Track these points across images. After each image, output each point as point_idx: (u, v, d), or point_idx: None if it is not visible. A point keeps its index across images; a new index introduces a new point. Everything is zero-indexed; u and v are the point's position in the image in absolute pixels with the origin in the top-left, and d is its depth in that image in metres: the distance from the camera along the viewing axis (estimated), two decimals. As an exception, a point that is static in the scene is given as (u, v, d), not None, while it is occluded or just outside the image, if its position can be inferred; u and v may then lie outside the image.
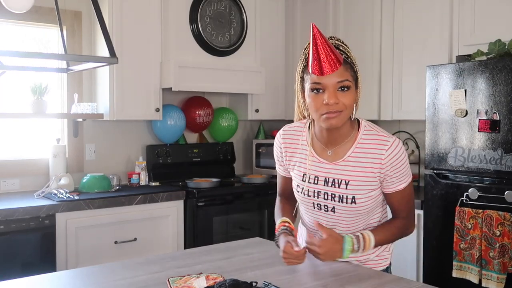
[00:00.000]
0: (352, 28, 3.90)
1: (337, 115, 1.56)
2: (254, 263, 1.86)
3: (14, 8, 2.30)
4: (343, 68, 1.56)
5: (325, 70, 1.52)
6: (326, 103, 1.55)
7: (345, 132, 1.65)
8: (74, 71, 2.63)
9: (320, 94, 1.57)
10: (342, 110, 1.57)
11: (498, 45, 2.82)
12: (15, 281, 1.67)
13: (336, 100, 1.55)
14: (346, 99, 1.56)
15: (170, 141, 4.05)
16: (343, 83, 1.55)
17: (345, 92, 1.56)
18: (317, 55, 1.52)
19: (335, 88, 1.55)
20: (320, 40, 1.52)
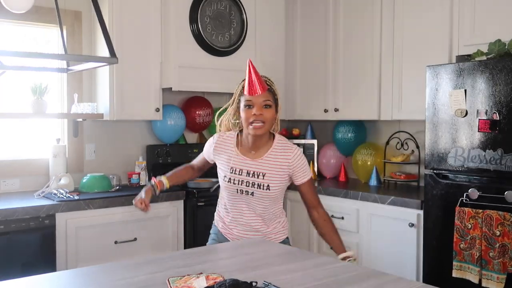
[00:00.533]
0: (352, 28, 3.90)
1: (261, 126, 2.21)
2: (254, 263, 1.86)
3: (14, 8, 2.31)
4: (267, 93, 2.22)
5: (255, 92, 2.18)
6: (254, 114, 2.19)
7: (265, 140, 2.30)
8: (74, 71, 2.64)
9: (251, 109, 2.21)
10: (265, 121, 2.21)
11: (498, 45, 2.82)
12: (15, 281, 1.66)
13: (261, 112, 2.20)
14: (268, 114, 2.22)
15: (170, 141, 4.05)
16: (266, 102, 2.22)
17: (267, 109, 2.22)
18: (251, 82, 2.19)
19: (261, 105, 2.21)
20: (253, 71, 2.18)
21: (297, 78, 4.35)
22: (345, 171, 4.15)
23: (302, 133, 4.51)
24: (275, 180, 2.26)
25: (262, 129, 2.22)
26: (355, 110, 3.90)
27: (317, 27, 4.16)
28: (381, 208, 3.33)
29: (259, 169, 2.26)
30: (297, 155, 2.29)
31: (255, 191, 2.26)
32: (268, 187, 2.25)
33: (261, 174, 2.26)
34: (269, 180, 2.25)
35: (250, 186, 2.26)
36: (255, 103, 2.20)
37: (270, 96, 2.24)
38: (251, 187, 2.26)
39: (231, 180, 2.28)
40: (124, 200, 3.28)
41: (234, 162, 2.29)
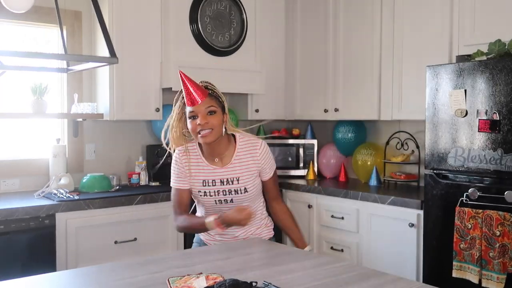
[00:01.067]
0: (352, 28, 3.90)
1: (208, 133, 2.12)
2: (254, 263, 1.86)
3: (14, 8, 2.31)
4: (209, 99, 2.14)
5: (195, 102, 2.10)
6: (199, 124, 2.11)
7: (224, 144, 2.22)
8: (74, 71, 2.64)
9: (195, 119, 2.13)
10: (212, 128, 2.13)
11: (498, 45, 2.82)
12: (15, 281, 1.67)
13: (206, 121, 2.11)
14: (214, 120, 2.13)
15: (170, 141, 4.04)
16: (209, 109, 2.13)
17: (212, 116, 2.14)
18: (188, 93, 2.11)
19: (204, 113, 2.12)
20: (188, 82, 2.11)
21: (297, 78, 4.35)
22: (345, 171, 4.15)
23: (302, 133, 4.51)
24: (249, 180, 2.23)
25: (210, 136, 2.13)
26: (355, 110, 3.90)
27: (317, 27, 4.16)
28: (381, 208, 3.33)
29: (231, 175, 2.21)
30: (263, 152, 2.26)
31: (233, 197, 2.22)
32: (245, 190, 2.22)
33: (235, 179, 2.21)
34: (245, 183, 2.22)
35: (227, 194, 2.21)
36: (198, 112, 2.11)
37: (213, 101, 2.16)
38: (229, 194, 2.21)
39: (207, 193, 2.21)
40: (124, 200, 3.28)
41: (204, 174, 2.22)
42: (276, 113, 4.38)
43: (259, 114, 4.26)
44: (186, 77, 2.12)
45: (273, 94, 4.34)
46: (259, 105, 4.24)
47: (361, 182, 4.03)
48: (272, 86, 4.31)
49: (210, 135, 2.13)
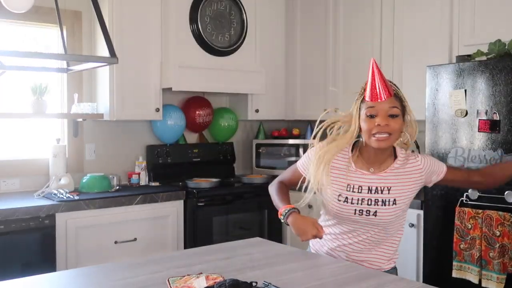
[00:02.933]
0: (352, 28, 3.90)
1: (385, 138, 1.85)
2: (254, 263, 1.86)
3: (14, 8, 2.31)
4: (393, 99, 1.86)
5: (379, 97, 1.83)
6: (378, 125, 1.83)
7: (387, 154, 1.94)
8: (74, 71, 2.64)
9: (373, 119, 1.85)
10: (391, 133, 1.85)
11: (498, 45, 2.82)
12: (15, 281, 1.67)
13: (386, 123, 1.83)
14: (395, 125, 1.85)
15: (170, 141, 4.05)
16: (392, 110, 1.84)
17: (394, 119, 1.85)
18: (374, 85, 1.84)
19: (386, 113, 1.84)
20: (377, 74, 1.84)
21: (297, 78, 4.35)
22: (345, 171, 4.14)
23: (302, 133, 4.51)
24: (403, 192, 1.92)
25: (386, 142, 1.85)
26: (355, 110, 3.89)
27: (317, 27, 4.16)
28: (381, 208, 3.32)
29: (383, 183, 1.91)
30: (425, 158, 1.97)
31: (379, 209, 1.90)
32: (394, 202, 1.90)
33: (385, 188, 1.91)
34: (396, 194, 1.91)
35: (372, 204, 1.90)
36: (379, 111, 1.84)
37: (397, 102, 1.87)
38: (374, 205, 1.90)
39: (348, 199, 1.92)
40: (124, 200, 3.28)
41: (351, 178, 1.94)
42: (276, 113, 4.38)
43: (259, 114, 4.26)
44: (376, 68, 1.86)
45: (273, 94, 4.33)
46: (259, 105, 4.24)
47: (361, 182, 4.02)
48: (272, 86, 4.31)
49: (386, 140, 1.85)
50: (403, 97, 1.92)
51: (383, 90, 1.84)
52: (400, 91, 1.92)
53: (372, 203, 1.91)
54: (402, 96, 1.91)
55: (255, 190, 3.87)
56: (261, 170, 4.35)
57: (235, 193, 3.80)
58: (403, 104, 1.90)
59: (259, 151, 4.43)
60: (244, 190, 3.86)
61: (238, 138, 4.54)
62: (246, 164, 4.58)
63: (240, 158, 4.52)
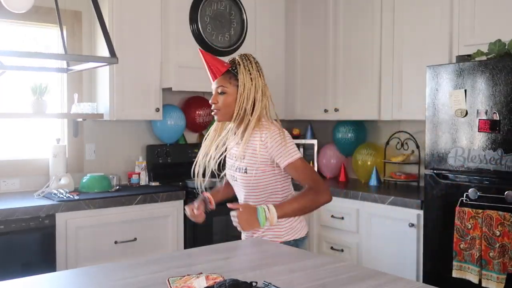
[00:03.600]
0: (352, 28, 3.90)
1: (216, 112, 2.17)
2: (254, 263, 1.86)
3: (14, 8, 2.30)
4: (221, 78, 2.14)
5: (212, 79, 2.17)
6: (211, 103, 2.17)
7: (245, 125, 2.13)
8: (74, 71, 2.63)
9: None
10: (219, 109, 2.15)
11: (498, 45, 2.82)
12: (15, 281, 1.66)
13: (214, 101, 2.15)
14: (222, 100, 2.14)
15: (170, 141, 4.05)
16: (218, 89, 2.15)
17: (222, 95, 2.14)
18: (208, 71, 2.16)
19: (216, 92, 2.16)
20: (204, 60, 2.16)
21: (297, 78, 4.35)
22: (345, 171, 4.15)
23: (302, 133, 4.51)
24: (251, 162, 2.11)
25: (218, 115, 2.16)
26: (355, 110, 3.90)
27: (317, 27, 4.16)
28: (381, 208, 3.33)
29: (241, 152, 2.14)
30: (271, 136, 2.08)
31: (237, 175, 2.18)
32: (245, 170, 2.13)
33: (241, 156, 2.14)
34: (247, 163, 2.13)
35: (235, 169, 2.20)
36: (213, 90, 2.18)
37: (226, 80, 2.12)
38: (234, 171, 2.19)
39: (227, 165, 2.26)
40: (124, 200, 3.28)
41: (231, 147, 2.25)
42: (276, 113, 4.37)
43: (259, 114, 4.25)
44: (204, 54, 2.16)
45: (273, 94, 4.30)
46: (259, 105, 4.23)
47: (361, 182, 4.03)
48: (272, 86, 4.29)
49: (217, 114, 2.17)
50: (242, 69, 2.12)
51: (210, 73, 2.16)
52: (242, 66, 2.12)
53: (235, 169, 2.19)
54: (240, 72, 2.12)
55: (255, 190, 3.86)
56: (261, 170, 4.34)
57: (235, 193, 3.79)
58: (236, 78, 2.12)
59: (259, 151, 4.42)
60: (244, 190, 3.86)
61: (238, 138, 4.53)
62: (246, 164, 4.57)
63: (240, 158, 4.51)
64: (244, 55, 2.19)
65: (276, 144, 2.08)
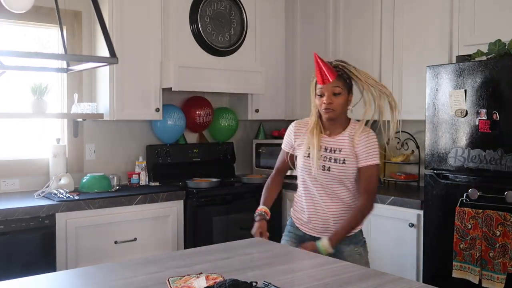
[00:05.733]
0: (352, 28, 3.90)
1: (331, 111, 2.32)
2: (254, 263, 1.86)
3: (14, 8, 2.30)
4: (337, 80, 2.31)
5: (324, 81, 2.30)
6: (324, 102, 2.32)
7: (339, 123, 2.39)
8: (74, 71, 2.63)
9: (322, 98, 2.33)
10: (335, 109, 2.32)
11: (498, 45, 2.82)
12: (15, 281, 1.67)
13: (330, 101, 2.31)
14: (337, 101, 2.32)
15: (170, 141, 4.05)
16: (334, 90, 2.31)
17: (337, 96, 2.32)
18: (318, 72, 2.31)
19: (330, 92, 2.31)
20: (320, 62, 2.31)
21: (297, 78, 4.35)
22: (345, 171, 4.15)
23: (302, 133, 4.50)
24: (349, 155, 2.31)
25: (332, 114, 2.32)
26: (355, 110, 3.88)
27: (317, 27, 4.16)
28: (381, 208, 3.33)
29: (336, 145, 2.34)
30: (366, 135, 2.34)
31: (332, 165, 2.32)
32: (344, 161, 2.31)
33: (337, 149, 2.33)
34: (345, 155, 2.31)
35: (327, 160, 2.32)
36: (325, 92, 2.30)
37: (340, 82, 2.32)
38: (328, 162, 2.32)
39: (311, 155, 2.34)
40: (124, 200, 3.28)
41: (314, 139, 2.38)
42: (276, 113, 4.38)
43: (259, 114, 4.26)
44: (318, 58, 2.30)
45: (273, 94, 4.34)
46: (259, 105, 4.24)
47: (361, 182, 4.02)
48: (272, 86, 4.31)
49: (332, 113, 2.32)
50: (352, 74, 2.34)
51: (327, 75, 2.28)
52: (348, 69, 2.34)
53: (327, 159, 2.33)
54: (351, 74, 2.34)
55: (255, 190, 3.85)
56: (261, 170, 4.35)
57: (235, 193, 3.80)
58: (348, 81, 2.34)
59: (259, 151, 4.43)
60: (244, 190, 3.86)
61: (238, 138, 4.54)
62: (246, 164, 4.58)
63: (240, 158, 4.52)
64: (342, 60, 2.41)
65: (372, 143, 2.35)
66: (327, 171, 2.33)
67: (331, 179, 2.34)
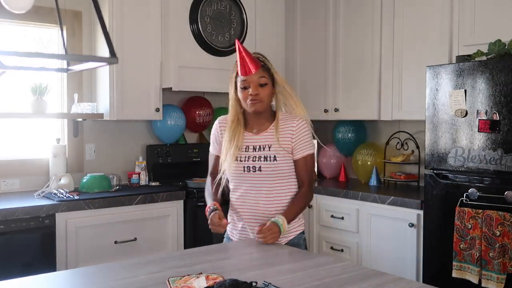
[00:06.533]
0: (352, 28, 3.90)
1: (257, 103, 2.18)
2: (254, 263, 1.86)
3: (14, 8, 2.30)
4: (261, 70, 2.19)
5: (248, 72, 2.16)
6: (250, 94, 2.17)
7: (265, 117, 2.26)
8: (74, 71, 2.63)
9: (247, 90, 2.19)
10: (262, 100, 2.19)
11: (498, 45, 2.82)
12: (15, 281, 1.67)
13: (257, 92, 2.17)
14: (264, 92, 2.19)
15: (170, 141, 4.05)
16: (260, 80, 2.18)
17: (263, 88, 2.19)
18: (242, 62, 2.17)
19: (256, 84, 2.18)
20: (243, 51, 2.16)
21: (297, 78, 4.35)
22: (345, 171, 4.16)
23: (302, 133, 4.50)
24: (280, 150, 2.20)
25: (259, 105, 2.19)
26: (355, 110, 3.90)
27: (317, 27, 4.16)
28: (381, 208, 3.33)
29: (264, 142, 2.22)
30: (301, 125, 2.23)
31: (262, 164, 2.20)
32: (275, 158, 2.19)
33: (266, 146, 2.21)
34: (276, 151, 2.20)
35: (256, 160, 2.20)
36: (250, 83, 2.17)
37: (265, 72, 2.20)
38: (258, 161, 2.20)
39: (238, 158, 2.22)
40: (124, 200, 3.28)
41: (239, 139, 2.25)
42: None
43: (259, 114, 4.25)
44: (241, 47, 2.17)
45: (273, 94, 4.33)
46: (259, 105, 4.24)
47: (361, 182, 4.03)
48: (272, 86, 4.30)
49: (259, 105, 2.19)
50: (271, 67, 2.23)
51: (251, 64, 2.15)
52: (268, 62, 2.23)
53: (256, 159, 2.21)
54: (270, 66, 2.23)
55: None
56: (261, 170, 4.35)
57: (235, 193, 3.79)
58: (271, 73, 2.22)
59: (259, 151, 4.42)
60: (244, 190, 3.86)
61: (238, 138, 4.53)
62: (246, 164, 4.57)
63: (240, 158, 4.51)
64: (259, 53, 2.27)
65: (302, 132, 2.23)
66: (258, 171, 2.20)
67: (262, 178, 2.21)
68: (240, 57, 2.17)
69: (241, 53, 2.16)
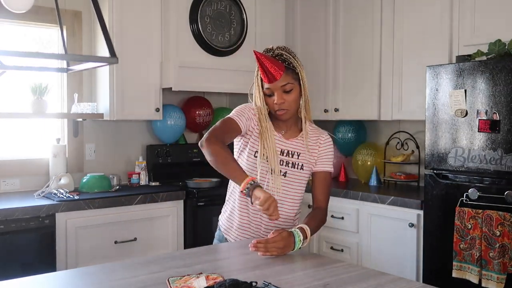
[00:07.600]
0: (352, 28, 3.90)
1: (285, 112, 2.08)
2: (254, 263, 1.86)
3: (14, 8, 2.30)
4: (285, 75, 2.04)
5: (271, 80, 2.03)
6: (275, 103, 2.06)
7: (293, 120, 2.16)
8: (74, 71, 2.63)
9: (272, 97, 2.07)
10: (288, 108, 2.07)
11: (498, 45, 2.82)
12: (15, 281, 1.66)
13: (282, 100, 2.05)
14: (289, 98, 2.06)
15: (170, 141, 4.05)
16: (285, 87, 2.05)
17: (288, 94, 2.06)
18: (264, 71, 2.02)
19: (280, 91, 2.05)
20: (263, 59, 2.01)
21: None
22: (345, 171, 4.15)
23: (302, 133, 4.50)
24: (310, 159, 2.14)
25: (287, 114, 2.09)
26: (355, 110, 3.90)
27: (317, 27, 4.16)
28: (381, 208, 3.33)
29: (294, 149, 2.13)
30: (329, 141, 2.19)
31: (289, 170, 2.11)
32: (302, 167, 2.12)
33: (296, 153, 2.13)
34: (304, 160, 2.13)
35: (283, 165, 2.10)
36: (274, 90, 2.05)
37: (289, 76, 2.04)
38: (285, 166, 2.10)
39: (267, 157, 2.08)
40: (124, 200, 3.28)
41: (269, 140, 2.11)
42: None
43: (259, 114, 4.25)
44: (261, 55, 2.02)
45: (273, 94, 4.33)
46: (259, 105, 4.24)
47: (361, 182, 4.03)
48: (272, 86, 4.30)
49: (287, 114, 2.09)
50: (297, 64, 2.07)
51: (273, 71, 2.01)
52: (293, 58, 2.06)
53: (284, 164, 2.11)
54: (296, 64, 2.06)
55: (255, 190, 3.86)
56: (261, 170, 4.34)
57: (235, 193, 3.79)
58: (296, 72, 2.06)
59: (259, 151, 4.42)
60: (244, 190, 3.86)
61: (238, 138, 4.53)
62: (246, 164, 4.57)
63: (240, 158, 4.51)
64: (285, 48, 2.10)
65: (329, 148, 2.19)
66: (282, 176, 2.10)
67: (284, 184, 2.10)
68: (260, 66, 2.03)
69: (259, 60, 2.02)
